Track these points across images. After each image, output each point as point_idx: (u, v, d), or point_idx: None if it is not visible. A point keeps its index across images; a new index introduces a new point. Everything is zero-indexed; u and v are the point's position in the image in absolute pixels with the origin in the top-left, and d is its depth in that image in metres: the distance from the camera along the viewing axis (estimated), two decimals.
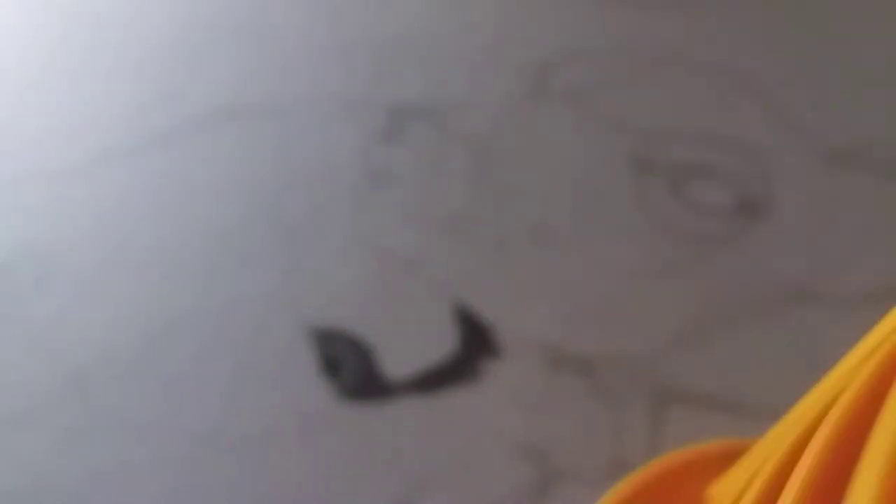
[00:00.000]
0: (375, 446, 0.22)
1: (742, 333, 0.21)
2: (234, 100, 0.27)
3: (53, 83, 0.29)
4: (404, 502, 0.21)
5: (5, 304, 0.26)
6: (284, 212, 0.26)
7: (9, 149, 0.28)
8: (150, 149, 0.27)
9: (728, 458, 0.20)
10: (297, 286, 0.24)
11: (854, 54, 0.26)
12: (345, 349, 0.23)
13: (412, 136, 0.26)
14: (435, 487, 0.21)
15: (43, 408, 0.24)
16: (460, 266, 0.23)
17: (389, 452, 0.22)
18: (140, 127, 0.28)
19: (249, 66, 0.28)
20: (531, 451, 0.21)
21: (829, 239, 0.22)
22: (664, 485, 0.20)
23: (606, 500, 0.19)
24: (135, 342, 0.25)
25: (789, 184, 0.22)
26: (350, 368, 0.23)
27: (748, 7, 0.28)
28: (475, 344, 0.23)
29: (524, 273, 0.23)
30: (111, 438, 0.24)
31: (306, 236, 0.25)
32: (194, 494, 0.23)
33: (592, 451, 0.21)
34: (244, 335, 0.24)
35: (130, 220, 0.27)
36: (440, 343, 0.23)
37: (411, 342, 0.23)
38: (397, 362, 0.23)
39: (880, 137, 0.22)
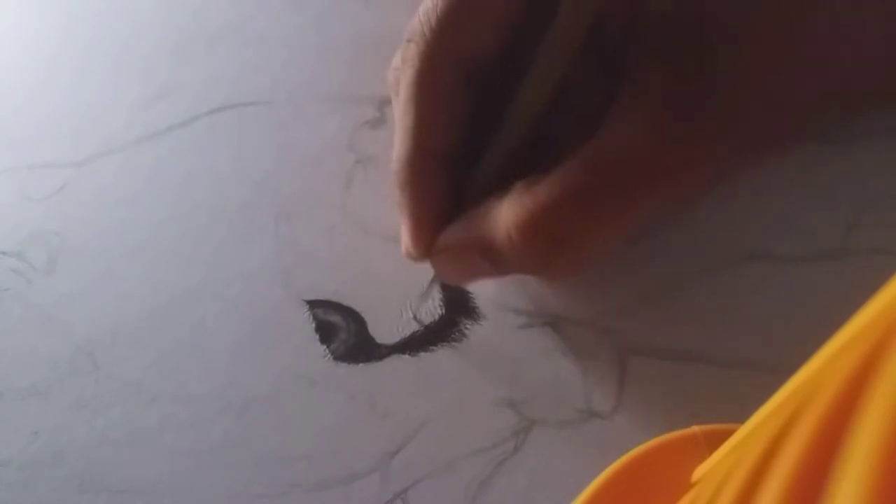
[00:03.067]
0: (370, 402, 0.24)
1: (698, 291, 0.23)
2: (231, 95, 0.28)
3: (59, 80, 0.30)
4: (398, 450, 0.23)
5: (20, 286, 0.27)
6: (279, 195, 0.27)
7: (18, 141, 0.29)
8: (151, 140, 0.28)
9: (713, 441, 0.20)
10: (293, 262, 0.26)
11: None
12: (338, 317, 0.25)
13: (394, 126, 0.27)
14: (426, 435, 0.23)
15: (56, 379, 0.26)
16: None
17: (383, 407, 0.24)
18: (141, 120, 0.28)
19: (245, 64, 0.29)
20: (510, 401, 0.23)
21: (776, 203, 0.23)
22: (649, 468, 0.20)
23: (592, 484, 0.20)
24: (141, 317, 0.26)
25: None
26: (344, 334, 0.25)
27: None
28: (457, 309, 0.24)
29: None
30: (121, 406, 0.25)
31: (300, 217, 0.26)
32: (201, 454, 0.24)
33: (565, 400, 0.23)
34: (244, 308, 0.25)
35: (134, 206, 0.27)
36: (426, 309, 0.25)
37: (399, 309, 0.25)
38: (387, 328, 0.24)
39: None
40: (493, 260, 0.20)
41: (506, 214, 0.20)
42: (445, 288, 0.25)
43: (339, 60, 0.28)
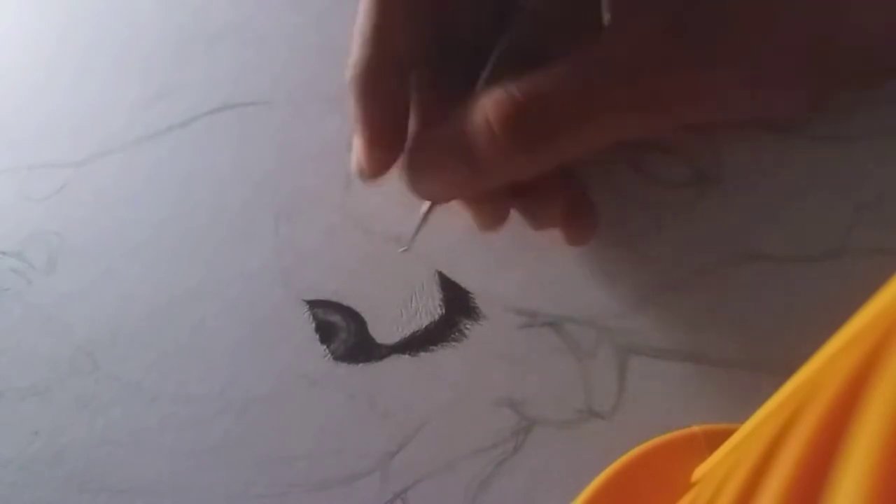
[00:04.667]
0: (370, 402, 0.24)
1: (698, 291, 0.23)
2: (231, 95, 0.28)
3: (59, 80, 0.30)
4: (398, 450, 0.23)
5: (20, 286, 0.27)
6: (279, 195, 0.27)
7: (18, 141, 0.29)
8: (151, 140, 0.28)
9: (713, 441, 0.20)
10: (293, 262, 0.26)
11: None
12: (338, 317, 0.25)
13: None
14: (426, 435, 0.23)
15: (56, 379, 0.25)
16: (441, 240, 0.25)
17: (383, 407, 0.24)
18: (141, 120, 0.28)
19: (245, 64, 0.29)
20: (510, 401, 0.23)
21: (776, 203, 0.23)
22: (649, 468, 0.20)
23: (592, 484, 0.20)
24: (141, 317, 0.26)
25: (736, 154, 0.24)
26: (344, 334, 0.25)
27: None
28: (457, 309, 0.24)
29: (499, 244, 0.25)
30: (121, 406, 0.25)
31: (300, 217, 0.26)
32: (201, 454, 0.24)
33: (565, 400, 0.23)
34: (244, 308, 0.25)
35: (134, 206, 0.27)
36: (426, 309, 0.25)
37: (399, 309, 0.25)
38: (387, 328, 0.24)
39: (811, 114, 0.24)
40: (469, 158, 0.19)
41: (485, 101, 0.19)
42: (445, 287, 0.25)
43: (339, 60, 0.28)
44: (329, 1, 0.29)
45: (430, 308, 0.24)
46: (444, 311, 0.24)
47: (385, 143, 0.21)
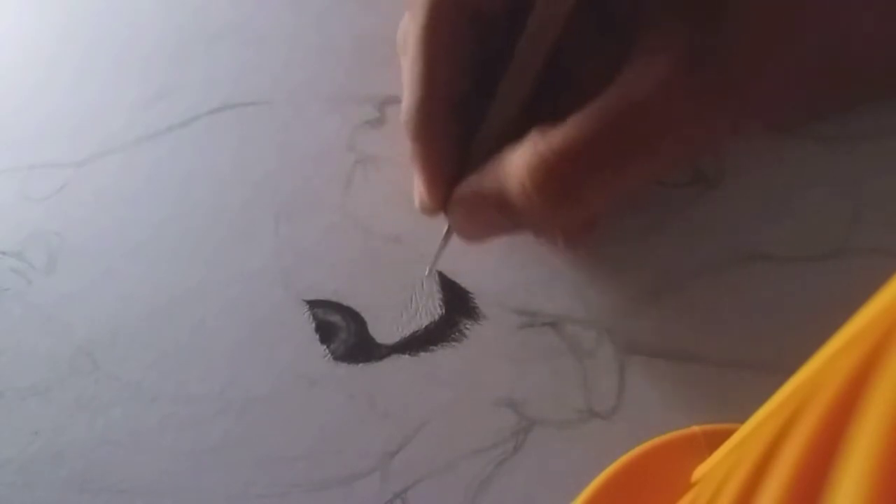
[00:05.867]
0: (370, 402, 0.24)
1: (698, 291, 0.23)
2: (231, 95, 0.28)
3: (59, 80, 0.30)
4: (398, 450, 0.23)
5: (20, 286, 0.27)
6: (279, 195, 0.27)
7: (18, 141, 0.29)
8: (151, 140, 0.28)
9: (713, 441, 0.20)
10: (293, 262, 0.26)
11: None
12: (338, 317, 0.25)
13: (394, 125, 0.27)
14: (426, 435, 0.23)
15: (56, 379, 0.25)
16: (440, 240, 0.25)
17: (383, 407, 0.24)
18: (141, 120, 0.28)
19: (244, 65, 0.29)
20: (510, 401, 0.23)
21: (776, 203, 0.23)
22: (649, 468, 0.20)
23: (592, 484, 0.20)
24: (141, 317, 0.26)
25: (736, 155, 0.24)
26: (344, 334, 0.25)
27: None
28: (457, 309, 0.24)
29: (499, 244, 0.25)
30: (121, 406, 0.25)
31: (300, 217, 0.26)
32: (201, 454, 0.24)
33: (565, 400, 0.23)
34: (244, 308, 0.25)
35: (134, 206, 0.27)
36: (426, 309, 0.25)
37: (399, 309, 0.25)
38: (387, 328, 0.24)
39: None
40: (508, 212, 0.20)
41: (518, 162, 0.19)
42: (444, 287, 0.25)
43: (339, 60, 0.28)
44: (329, 1, 0.29)
45: (430, 308, 0.24)
46: (444, 311, 0.24)
47: (442, 180, 0.22)
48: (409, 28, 0.21)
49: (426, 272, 0.24)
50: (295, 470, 0.23)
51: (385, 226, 0.26)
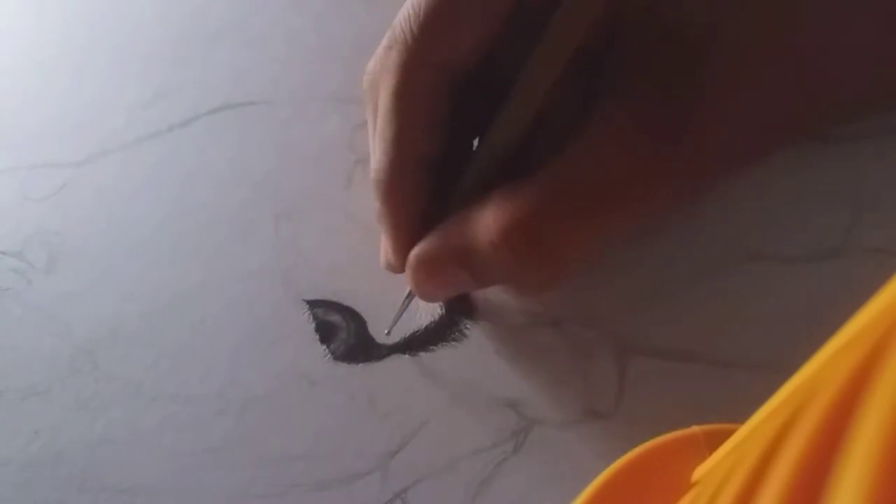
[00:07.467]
0: (370, 402, 0.24)
1: (698, 291, 0.23)
2: (231, 95, 0.28)
3: (58, 80, 0.30)
4: (398, 450, 0.23)
5: (20, 286, 0.27)
6: (279, 195, 0.27)
7: (18, 141, 0.29)
8: (151, 140, 0.28)
9: (713, 441, 0.20)
10: (293, 262, 0.26)
11: None
12: (338, 317, 0.25)
13: None
14: (426, 435, 0.23)
15: (56, 379, 0.26)
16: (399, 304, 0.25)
17: (383, 407, 0.24)
18: (141, 120, 0.28)
19: (244, 65, 0.29)
20: (510, 401, 0.23)
21: (776, 203, 0.23)
22: (649, 468, 0.20)
23: (592, 484, 0.20)
24: (141, 316, 0.26)
25: None
26: (344, 334, 0.25)
27: None
28: (457, 309, 0.24)
29: None
30: (121, 406, 0.25)
31: (300, 217, 0.26)
32: (201, 454, 0.24)
33: (565, 400, 0.23)
34: (244, 308, 0.25)
35: (134, 206, 0.27)
36: (426, 309, 0.25)
37: (397, 308, 0.25)
38: (387, 328, 0.24)
39: None
40: (473, 269, 0.20)
41: (487, 220, 0.19)
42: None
43: (339, 60, 0.28)
44: (329, 1, 0.29)
45: (430, 308, 0.24)
46: (444, 311, 0.24)
47: (411, 240, 0.21)
48: (381, 82, 0.21)
49: (385, 332, 0.24)
50: (295, 470, 0.23)
51: None
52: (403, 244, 0.22)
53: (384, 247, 0.22)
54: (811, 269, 0.23)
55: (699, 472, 0.19)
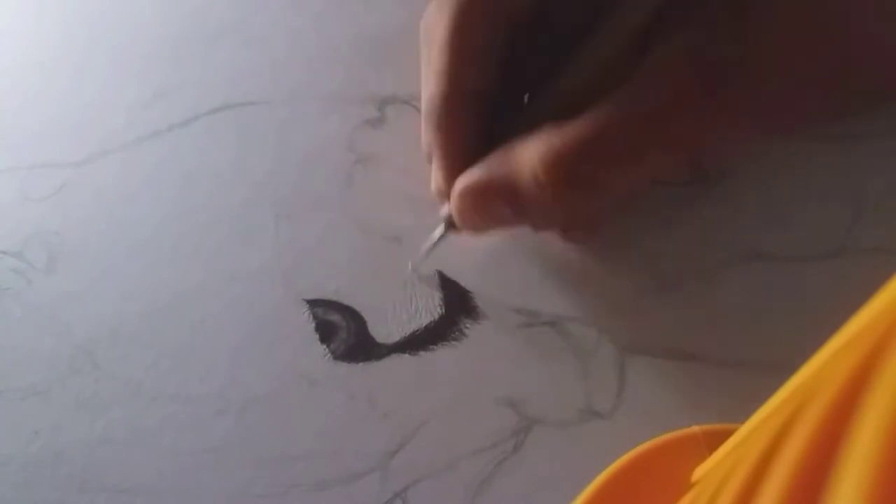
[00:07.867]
0: (370, 402, 0.24)
1: (698, 291, 0.23)
2: (231, 95, 0.28)
3: (58, 80, 0.30)
4: (398, 449, 0.23)
5: (20, 286, 0.27)
6: (279, 195, 0.27)
7: (18, 141, 0.29)
8: (151, 139, 0.28)
9: (713, 441, 0.20)
10: (293, 262, 0.26)
11: None
12: (338, 317, 0.25)
13: (395, 125, 0.27)
14: (426, 435, 0.23)
15: (56, 379, 0.25)
16: (441, 239, 0.25)
17: (383, 407, 0.24)
18: (141, 120, 0.28)
19: (244, 65, 0.29)
20: (510, 401, 0.23)
21: (776, 203, 0.23)
22: (649, 468, 0.20)
23: (592, 484, 0.20)
24: (141, 316, 0.26)
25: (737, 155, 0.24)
26: (344, 334, 0.25)
27: None
28: (457, 309, 0.24)
29: (499, 244, 0.25)
30: (121, 406, 0.25)
31: (300, 217, 0.26)
32: (201, 454, 0.24)
33: (565, 400, 0.23)
34: (244, 308, 0.25)
35: (134, 206, 0.27)
36: (426, 309, 0.25)
37: (398, 309, 0.25)
38: (387, 327, 0.24)
39: None
40: (515, 203, 0.21)
41: (531, 152, 0.20)
42: (444, 286, 0.25)
43: (339, 60, 0.28)
44: (329, 1, 0.29)
45: (430, 308, 0.24)
46: (444, 310, 0.24)
47: (462, 167, 0.22)
48: (434, 23, 0.21)
49: (410, 267, 0.24)
50: (295, 470, 0.23)
51: (385, 226, 0.26)
52: (455, 170, 0.22)
53: (434, 173, 0.23)
54: (811, 269, 0.23)
55: (699, 472, 0.19)
